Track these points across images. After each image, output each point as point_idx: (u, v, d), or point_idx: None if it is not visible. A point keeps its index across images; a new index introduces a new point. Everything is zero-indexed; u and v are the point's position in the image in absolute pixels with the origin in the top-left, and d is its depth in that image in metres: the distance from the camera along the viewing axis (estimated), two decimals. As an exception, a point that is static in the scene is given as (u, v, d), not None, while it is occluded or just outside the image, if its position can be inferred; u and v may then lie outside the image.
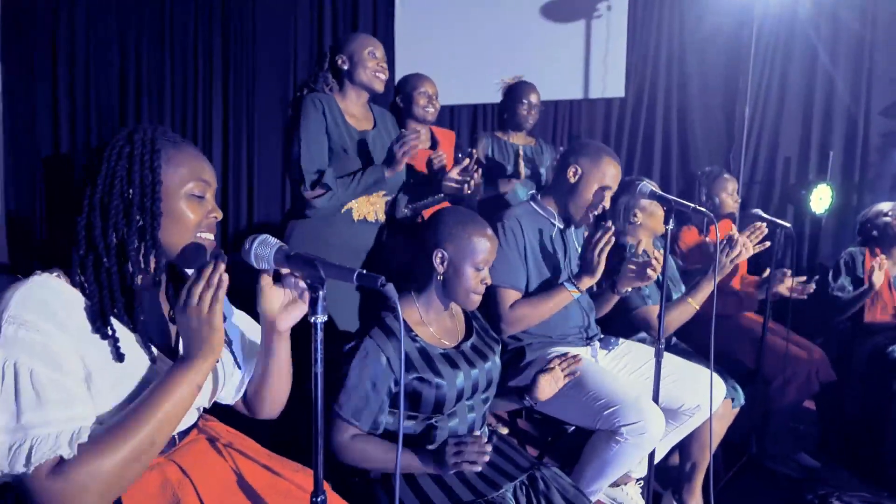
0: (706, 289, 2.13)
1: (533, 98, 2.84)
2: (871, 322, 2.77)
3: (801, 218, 3.87)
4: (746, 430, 2.57)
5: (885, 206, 2.80)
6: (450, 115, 4.50)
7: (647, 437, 1.66)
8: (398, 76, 2.77)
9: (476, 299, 1.54)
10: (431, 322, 1.56)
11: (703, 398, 1.94)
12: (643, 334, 2.31)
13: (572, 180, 1.98)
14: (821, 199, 3.72)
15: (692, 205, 1.76)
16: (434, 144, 2.62)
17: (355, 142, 2.04)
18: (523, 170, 2.77)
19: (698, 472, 2.20)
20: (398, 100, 2.54)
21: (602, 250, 1.85)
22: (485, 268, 1.53)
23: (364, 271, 1.02)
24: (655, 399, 1.78)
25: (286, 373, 1.23)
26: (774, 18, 3.83)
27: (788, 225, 2.51)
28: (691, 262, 2.78)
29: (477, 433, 1.42)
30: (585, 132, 4.18)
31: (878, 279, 2.58)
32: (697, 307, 2.14)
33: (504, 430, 2.69)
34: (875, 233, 2.80)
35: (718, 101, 4.04)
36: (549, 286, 1.96)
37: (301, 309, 1.14)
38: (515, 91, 2.86)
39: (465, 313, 1.69)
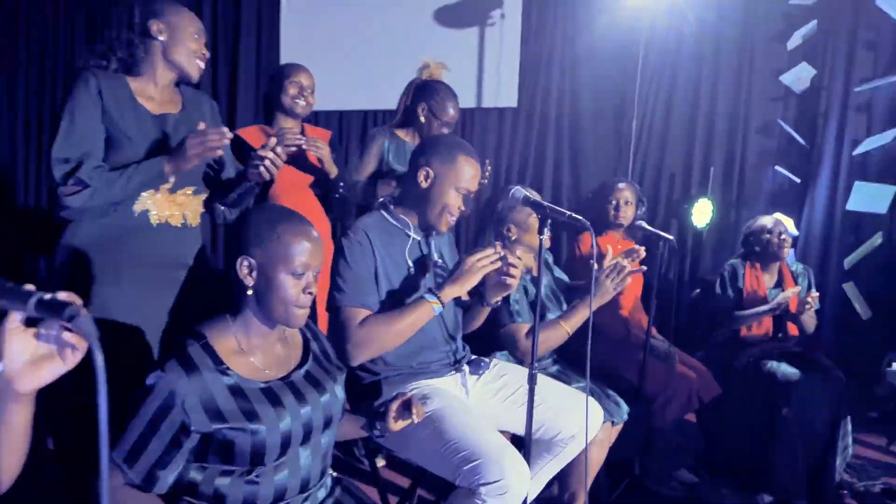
0: (582, 313, 1.98)
1: (453, 115, 2.59)
2: (747, 336, 2.81)
3: (684, 232, 3.95)
4: (630, 450, 2.52)
5: (766, 221, 2.85)
6: (339, 121, 4.30)
7: (508, 497, 1.48)
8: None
9: (299, 314, 1.27)
10: (254, 350, 1.28)
11: (579, 426, 1.82)
12: None
13: (424, 185, 1.74)
14: (702, 213, 3.80)
15: (568, 212, 1.64)
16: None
17: (146, 126, 1.65)
18: None
19: (577, 502, 2.09)
20: (267, 91, 2.31)
21: (482, 262, 1.64)
22: (306, 273, 1.26)
23: (46, 296, 0.74)
24: (529, 430, 1.64)
25: (21, 445, 0.91)
26: (661, 36, 3.89)
27: (671, 238, 2.49)
28: (578, 277, 2.70)
29: None
30: (478, 142, 4.09)
31: (787, 301, 2.64)
32: (570, 332, 1.99)
33: (381, 462, 2.49)
34: (757, 248, 2.85)
35: (609, 115, 4.06)
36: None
37: (57, 366, 0.84)
38: (436, 101, 2.58)
39: (303, 335, 1.42)
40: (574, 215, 1.64)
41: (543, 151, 4.08)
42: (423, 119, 2.59)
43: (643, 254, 1.96)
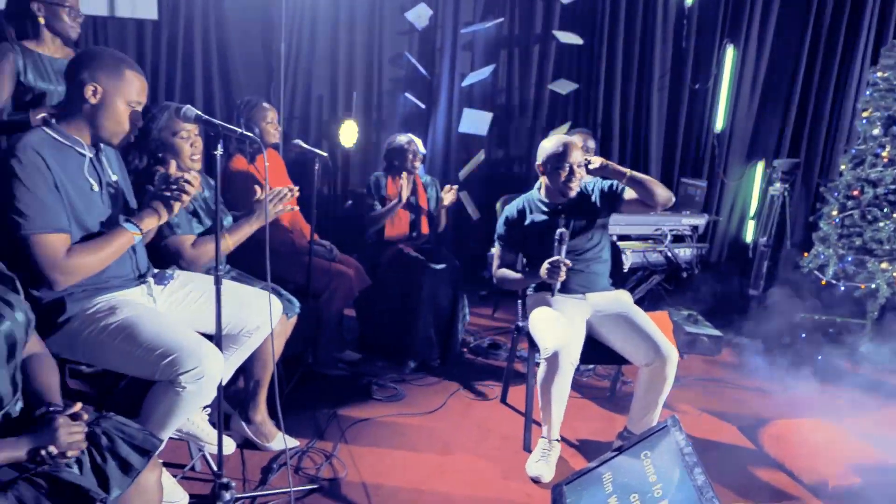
0: (245, 230, 2.16)
1: (72, 0, 2.34)
2: (390, 236, 3.35)
3: (334, 150, 4.34)
4: (300, 344, 2.84)
5: (402, 139, 3.37)
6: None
7: (206, 381, 1.65)
8: None
9: None
10: None
11: (262, 318, 2.04)
12: None
13: (93, 101, 1.69)
14: (348, 133, 4.22)
15: (240, 130, 1.78)
16: None
17: None
18: None
19: (261, 389, 2.33)
20: None
21: (179, 188, 1.73)
22: None
23: None
24: (219, 327, 1.80)
25: None
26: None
27: (325, 154, 2.79)
28: (237, 193, 2.80)
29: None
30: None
31: (404, 197, 3.18)
32: (232, 246, 2.16)
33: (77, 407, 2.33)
34: (396, 163, 3.35)
35: (257, 34, 4.11)
36: (87, 227, 1.71)
37: None
38: None
39: None
40: (245, 132, 1.79)
41: (192, 67, 3.94)
42: (42, 17, 2.31)
43: (297, 192, 2.25)
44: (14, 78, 2.27)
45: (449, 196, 3.38)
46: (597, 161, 2.46)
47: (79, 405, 1.33)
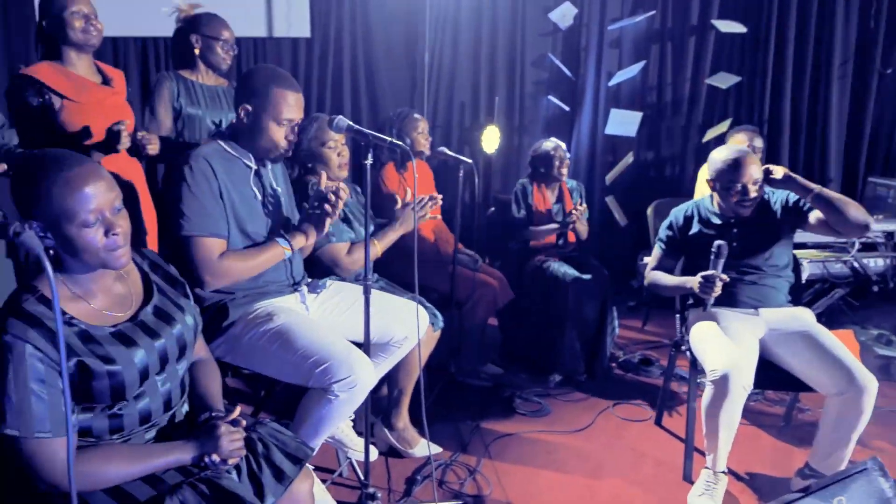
0: (390, 236, 2.21)
1: (228, 34, 2.49)
2: (535, 245, 3.23)
3: (476, 156, 4.31)
4: (444, 354, 2.81)
5: (549, 145, 3.24)
6: (113, 49, 3.85)
7: (357, 390, 1.67)
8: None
9: (116, 255, 1.18)
10: (91, 296, 1.23)
11: (409, 329, 2.04)
12: None
13: (245, 121, 1.79)
14: (490, 139, 4.16)
15: (389, 139, 1.77)
16: (106, 81, 2.18)
17: None
18: None
19: (405, 397, 2.33)
20: (44, 28, 2.04)
21: (332, 207, 1.82)
22: (100, 217, 1.15)
23: None
24: (367, 336, 1.80)
25: None
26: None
27: (470, 161, 2.75)
28: (386, 200, 2.84)
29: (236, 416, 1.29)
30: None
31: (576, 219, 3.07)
32: (380, 252, 2.21)
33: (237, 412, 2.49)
34: (542, 169, 3.24)
35: (401, 47, 4.19)
36: (248, 233, 1.81)
37: None
38: (204, 25, 2.45)
39: (141, 268, 1.38)
40: (395, 141, 1.79)
41: (340, 81, 4.10)
42: (198, 49, 2.46)
43: (440, 200, 2.26)
44: (171, 105, 2.44)
45: (577, 215, 3.15)
46: (779, 171, 2.16)
47: (238, 410, 1.36)
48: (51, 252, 1.15)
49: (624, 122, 4.21)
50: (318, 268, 2.20)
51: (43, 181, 1.11)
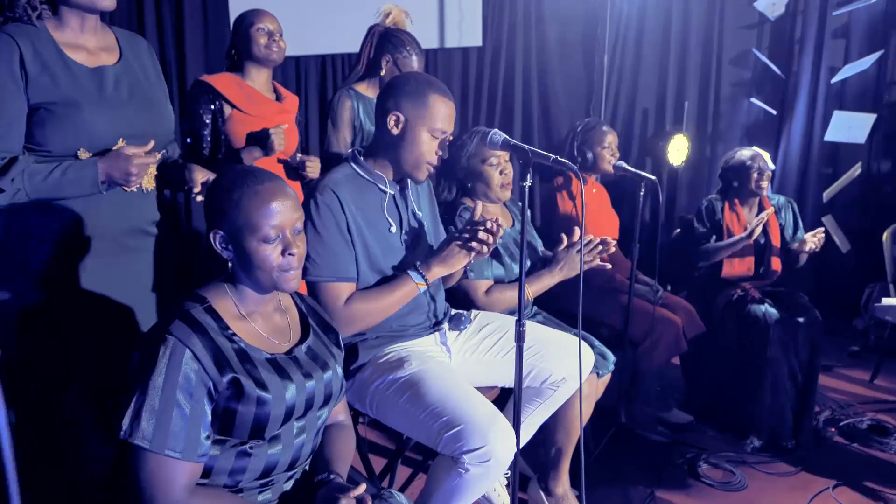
0: (546, 281, 1.93)
1: (419, 67, 2.37)
2: (729, 275, 2.71)
3: (659, 169, 3.82)
4: (614, 397, 2.43)
5: (745, 155, 2.71)
6: (295, 68, 3.99)
7: (493, 464, 1.39)
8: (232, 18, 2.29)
9: (287, 277, 1.16)
10: (253, 317, 1.20)
11: (568, 369, 1.72)
12: None
13: (395, 131, 1.57)
14: (678, 149, 3.66)
15: (553, 156, 1.48)
16: (279, 100, 2.20)
17: (80, 85, 1.40)
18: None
19: (564, 458, 2.00)
20: (234, 42, 2.14)
21: (482, 243, 1.54)
22: (280, 235, 1.15)
23: None
24: (519, 387, 1.51)
25: None
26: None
27: (654, 178, 2.36)
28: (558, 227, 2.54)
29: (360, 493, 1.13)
30: (444, 83, 3.85)
31: (758, 231, 2.49)
32: (531, 298, 1.95)
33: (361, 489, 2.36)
34: (735, 183, 2.72)
35: (578, 50, 3.86)
36: (383, 271, 1.61)
37: None
38: (398, 49, 2.36)
39: (300, 308, 1.32)
40: (560, 159, 1.49)
41: (511, 91, 3.87)
42: (384, 72, 2.38)
43: (614, 247, 1.93)
44: (352, 123, 2.38)
45: (811, 242, 2.60)
46: None
47: (362, 488, 1.15)
48: (229, 265, 1.17)
49: (850, 127, 3.49)
50: (453, 300, 1.97)
51: (234, 191, 1.13)
